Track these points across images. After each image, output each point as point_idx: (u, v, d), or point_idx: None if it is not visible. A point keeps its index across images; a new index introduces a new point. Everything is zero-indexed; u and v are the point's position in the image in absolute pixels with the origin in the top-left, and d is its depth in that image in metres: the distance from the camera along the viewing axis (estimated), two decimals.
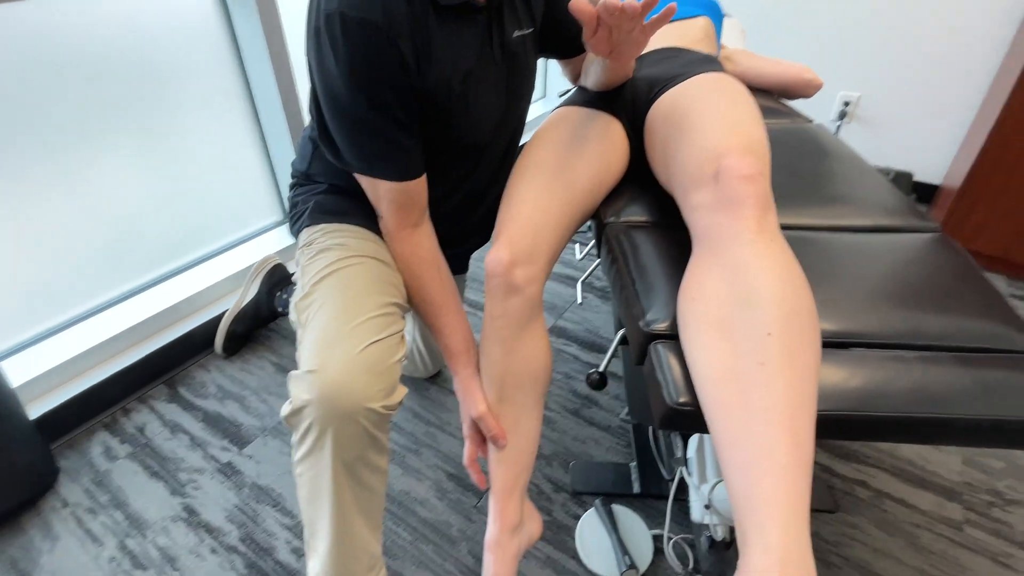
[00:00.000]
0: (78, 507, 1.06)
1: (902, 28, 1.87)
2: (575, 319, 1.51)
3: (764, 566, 0.40)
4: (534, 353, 0.77)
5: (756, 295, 0.52)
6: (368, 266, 0.74)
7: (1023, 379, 0.54)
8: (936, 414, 0.52)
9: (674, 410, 0.54)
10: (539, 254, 0.77)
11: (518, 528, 0.77)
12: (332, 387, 0.60)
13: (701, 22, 1.07)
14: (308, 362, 0.62)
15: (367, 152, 0.71)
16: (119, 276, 1.32)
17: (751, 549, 0.42)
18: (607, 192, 0.89)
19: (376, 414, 0.63)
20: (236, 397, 1.29)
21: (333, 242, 0.77)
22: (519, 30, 0.79)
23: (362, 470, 0.67)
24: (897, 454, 1.15)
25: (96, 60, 1.13)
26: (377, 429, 0.65)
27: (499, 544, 0.74)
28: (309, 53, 0.68)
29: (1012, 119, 1.52)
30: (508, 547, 0.75)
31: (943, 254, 0.71)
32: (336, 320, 0.65)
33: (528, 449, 0.79)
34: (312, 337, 0.65)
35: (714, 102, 0.74)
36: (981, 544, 0.99)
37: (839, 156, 0.97)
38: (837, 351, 0.57)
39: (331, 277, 0.71)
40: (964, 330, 0.59)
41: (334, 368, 0.61)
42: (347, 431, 0.62)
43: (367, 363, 0.62)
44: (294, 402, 0.62)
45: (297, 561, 0.97)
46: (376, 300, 0.70)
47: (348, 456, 0.64)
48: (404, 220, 0.78)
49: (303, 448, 0.65)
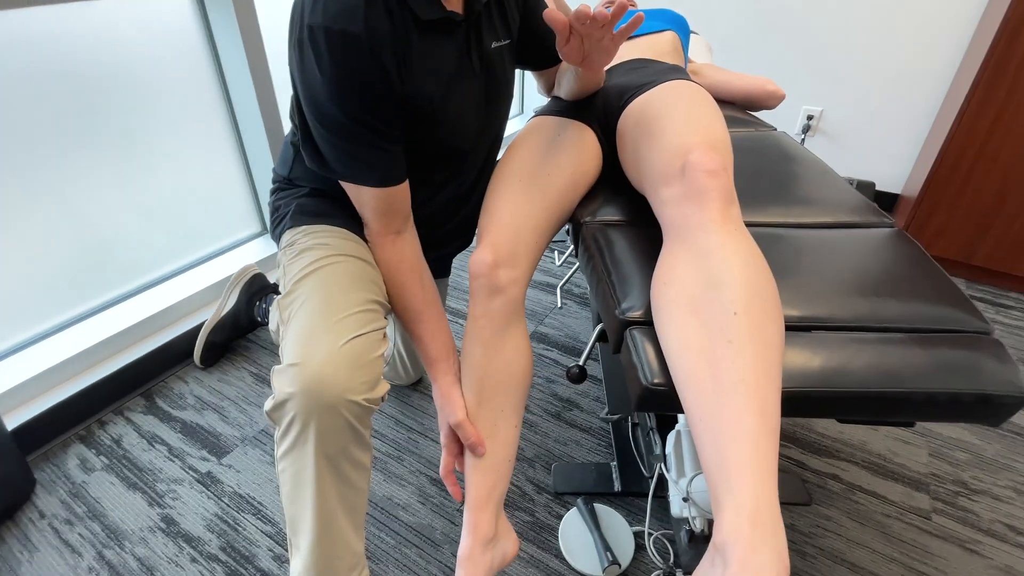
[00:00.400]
0: (55, 518, 1.04)
1: (861, 47, 1.97)
2: (555, 324, 1.54)
3: (736, 523, 0.42)
4: (515, 355, 0.79)
5: (722, 278, 0.55)
6: (350, 264, 0.75)
7: (975, 356, 0.58)
8: (894, 389, 0.55)
9: (649, 390, 0.56)
10: (521, 256, 0.79)
11: (492, 542, 0.74)
12: (314, 379, 0.61)
13: (668, 36, 1.13)
14: (291, 355, 0.63)
15: (350, 159, 0.73)
16: (97, 287, 1.31)
17: (724, 509, 0.44)
18: (582, 195, 0.92)
19: (358, 407, 0.64)
20: (215, 407, 1.28)
21: (315, 242, 0.78)
22: (496, 41, 0.83)
23: (345, 465, 0.67)
24: (867, 448, 1.19)
25: (75, 70, 1.14)
26: (359, 423, 0.66)
27: (471, 558, 0.71)
28: (292, 64, 0.69)
29: (964, 131, 1.61)
30: (480, 561, 0.71)
31: (899, 247, 0.76)
32: (319, 315, 0.67)
33: (505, 457, 0.77)
34: (295, 332, 0.66)
35: (680, 106, 0.78)
36: (949, 532, 1.03)
37: (802, 160, 1.02)
38: (801, 334, 0.61)
39: (313, 275, 0.73)
40: (919, 313, 0.63)
41: (317, 361, 0.62)
42: (330, 423, 0.63)
43: (349, 356, 0.63)
44: (277, 395, 0.63)
45: (279, 568, 0.96)
46: (358, 296, 0.71)
47: (331, 449, 0.65)
48: (387, 226, 0.79)
49: (286, 442, 0.65)
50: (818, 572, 0.96)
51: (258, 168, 1.55)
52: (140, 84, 1.25)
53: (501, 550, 0.76)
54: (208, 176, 1.46)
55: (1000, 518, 1.05)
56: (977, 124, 1.58)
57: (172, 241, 1.43)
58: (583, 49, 0.71)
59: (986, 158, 1.60)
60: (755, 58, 2.17)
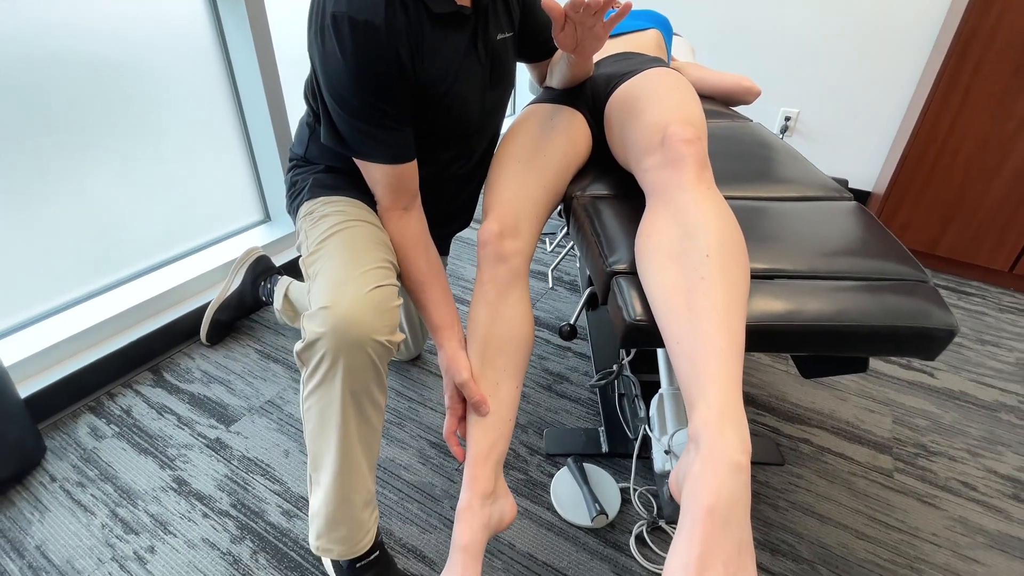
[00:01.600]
0: (67, 481, 1.08)
1: (835, 53, 2.09)
2: (546, 308, 1.62)
3: (706, 416, 0.50)
4: (517, 319, 0.85)
5: (697, 228, 0.63)
6: (366, 228, 0.83)
7: (913, 300, 0.67)
8: (842, 323, 0.63)
9: (632, 326, 0.64)
10: (524, 229, 0.87)
11: (490, 498, 0.76)
12: (344, 320, 0.68)
13: (651, 33, 1.22)
14: (321, 300, 0.69)
15: (364, 137, 0.79)
16: (107, 267, 1.36)
17: (696, 408, 0.52)
18: (575, 173, 1.00)
19: (382, 346, 0.70)
20: (222, 381, 1.33)
21: (333, 209, 0.85)
22: (501, 33, 0.91)
23: (366, 403, 0.74)
24: (836, 416, 1.28)
25: (86, 59, 1.20)
26: (381, 362, 0.72)
27: (470, 509, 0.74)
28: (313, 49, 0.76)
29: (926, 132, 1.72)
30: (479, 514, 0.74)
31: (855, 216, 0.85)
32: (344, 267, 0.73)
33: (506, 416, 0.81)
34: (323, 281, 0.72)
35: (659, 90, 0.86)
36: (909, 487, 1.12)
37: (774, 147, 1.12)
38: (765, 282, 0.69)
39: (335, 236, 0.80)
40: (867, 266, 0.72)
41: (346, 304, 0.68)
42: (357, 360, 0.69)
43: (373, 302, 0.70)
44: (308, 336, 0.69)
45: (288, 521, 1.02)
46: (377, 255, 0.78)
47: (356, 385, 0.71)
48: (396, 202, 0.86)
49: (314, 380, 0.71)
50: (789, 523, 1.04)
51: (263, 158, 1.61)
52: (151, 73, 1.32)
53: (499, 509, 0.78)
54: (215, 165, 1.52)
55: (955, 476, 1.14)
56: (938, 124, 1.70)
57: (179, 226, 1.49)
58: (576, 36, 0.80)
59: (947, 155, 1.72)
60: (736, 61, 2.29)
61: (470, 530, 0.72)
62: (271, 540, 0.98)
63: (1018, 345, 1.54)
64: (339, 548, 0.80)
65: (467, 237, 2.01)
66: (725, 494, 0.45)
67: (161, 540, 0.98)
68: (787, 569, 0.96)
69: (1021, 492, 1.11)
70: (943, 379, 1.41)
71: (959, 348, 1.52)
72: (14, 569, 0.93)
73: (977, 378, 1.42)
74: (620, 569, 0.95)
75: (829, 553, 0.99)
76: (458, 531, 0.73)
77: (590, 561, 0.96)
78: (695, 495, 0.46)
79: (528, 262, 0.88)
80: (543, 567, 0.95)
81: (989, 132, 1.64)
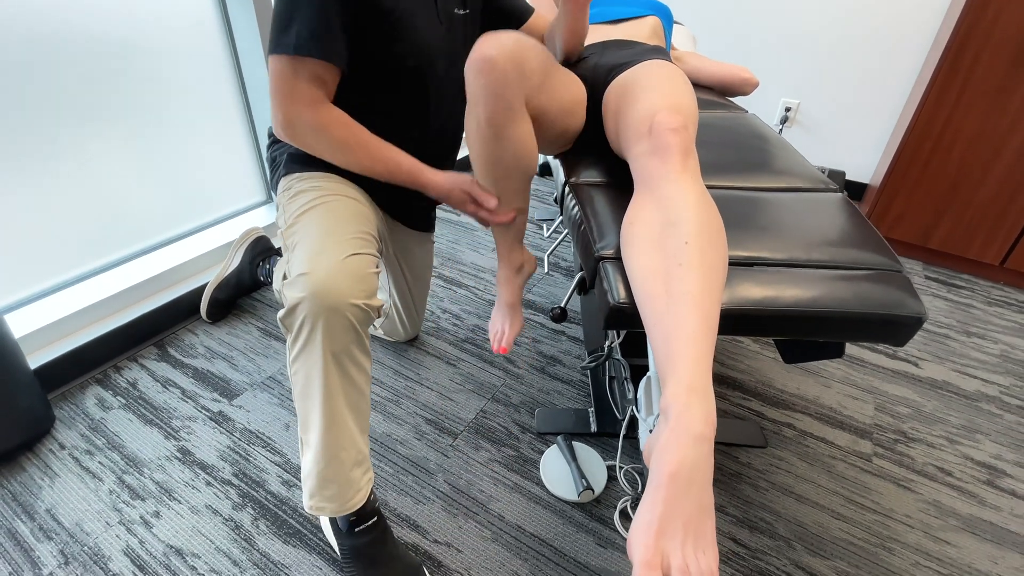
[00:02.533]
0: (75, 449, 1.13)
1: (837, 45, 2.10)
2: (542, 293, 1.65)
3: (676, 391, 0.53)
4: (525, 141, 0.85)
5: (678, 217, 0.66)
6: (343, 202, 0.86)
7: (885, 288, 0.70)
8: (816, 309, 0.67)
9: (615, 308, 0.68)
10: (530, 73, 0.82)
11: (520, 269, 1.03)
12: (322, 284, 0.71)
13: (651, 20, 1.24)
14: (300, 267, 0.73)
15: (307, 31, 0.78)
16: (113, 244, 1.39)
17: (667, 384, 0.55)
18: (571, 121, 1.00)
19: (360, 310, 0.74)
20: (224, 356, 1.37)
21: (308, 185, 0.89)
22: (459, 8, 0.95)
23: (348, 364, 0.77)
24: (820, 402, 1.31)
25: (91, 41, 1.22)
26: (360, 326, 0.75)
27: (508, 280, 1.02)
28: None
29: (922, 125, 1.74)
30: (514, 281, 1.03)
31: (838, 207, 0.88)
32: (322, 237, 0.77)
33: (520, 218, 0.97)
34: (302, 250, 0.76)
35: (653, 80, 0.89)
36: (886, 472, 1.16)
37: (766, 138, 1.14)
38: (744, 268, 0.72)
39: (312, 210, 0.83)
40: (845, 255, 0.75)
41: (323, 270, 0.71)
42: (335, 322, 0.72)
43: (350, 268, 0.73)
44: (288, 301, 0.72)
45: (288, 491, 1.06)
46: (354, 227, 0.81)
47: (336, 346, 0.74)
48: (321, 96, 0.83)
49: (297, 345, 0.75)
50: (769, 502, 1.08)
51: (265, 140, 1.64)
52: (155, 54, 1.34)
53: (526, 271, 1.05)
54: (218, 146, 1.55)
55: (932, 462, 1.18)
56: (934, 119, 1.71)
57: (183, 206, 1.52)
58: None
59: (942, 150, 1.74)
60: (738, 51, 2.29)
61: (512, 291, 1.03)
62: (271, 508, 1.03)
63: (1003, 337, 1.58)
64: (331, 506, 0.84)
65: (464, 221, 2.04)
66: (688, 462, 0.49)
67: (166, 506, 1.02)
68: (764, 545, 1.00)
69: (995, 478, 1.15)
70: (927, 369, 1.44)
71: (945, 339, 1.56)
72: (25, 531, 0.97)
73: (961, 368, 1.45)
74: (603, 541, 1.00)
75: (805, 531, 1.03)
76: (503, 292, 1.03)
77: (576, 533, 1.01)
78: (661, 462, 0.50)
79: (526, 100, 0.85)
80: (531, 538, 0.99)
81: (983, 127, 1.66)
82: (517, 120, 0.82)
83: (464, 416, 1.23)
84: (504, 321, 1.04)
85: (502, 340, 1.03)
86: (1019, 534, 1.04)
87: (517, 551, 0.97)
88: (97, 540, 0.96)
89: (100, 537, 0.97)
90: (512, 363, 1.38)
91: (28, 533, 0.97)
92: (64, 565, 0.92)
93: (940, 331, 1.59)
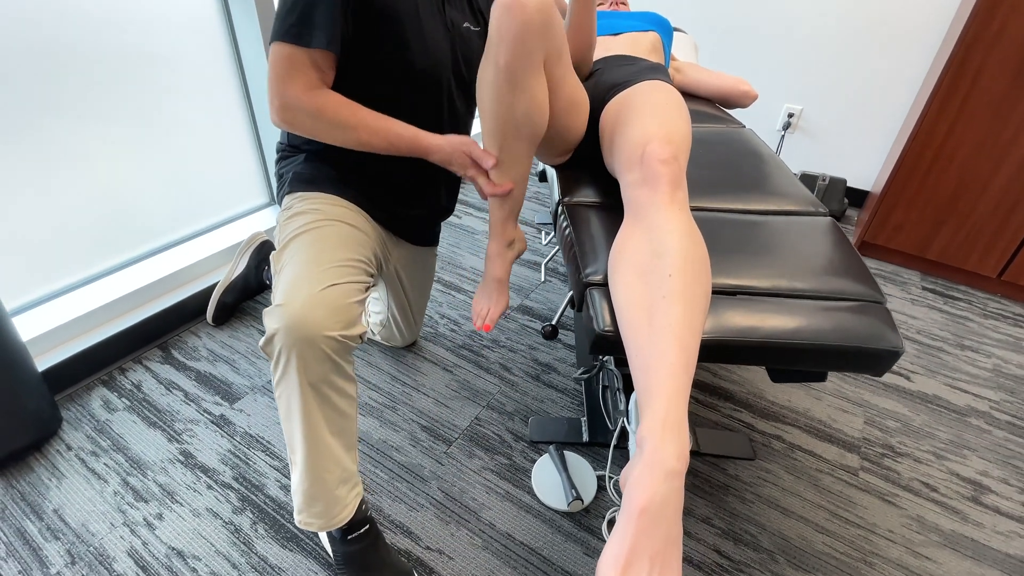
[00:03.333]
0: (81, 450, 1.16)
1: (841, 53, 2.09)
2: (539, 299, 1.67)
3: (651, 425, 0.56)
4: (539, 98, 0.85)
5: (664, 248, 0.68)
6: (336, 227, 0.87)
7: (865, 320, 0.72)
8: (795, 341, 0.68)
9: (600, 336, 0.70)
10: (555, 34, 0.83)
11: (511, 244, 1.01)
12: (296, 316, 0.72)
13: (651, 36, 1.25)
14: (278, 297, 0.75)
15: (309, 20, 0.80)
16: (118, 247, 1.42)
17: (645, 417, 0.57)
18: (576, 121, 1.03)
19: (335, 341, 0.75)
20: (226, 360, 1.40)
21: (308, 207, 0.90)
22: (468, 23, 0.96)
23: (328, 391, 0.78)
24: (810, 415, 1.33)
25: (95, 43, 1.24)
26: (338, 356, 0.77)
27: (499, 254, 1.00)
28: None
29: (923, 135, 1.74)
30: (505, 255, 1.00)
31: (826, 233, 0.89)
32: (304, 266, 0.78)
33: (519, 189, 0.96)
34: (283, 278, 0.78)
35: (649, 104, 0.90)
36: (872, 486, 1.18)
37: (761, 155, 1.15)
38: (727, 297, 0.74)
39: (303, 235, 0.85)
40: (828, 285, 0.76)
41: (298, 302, 0.73)
42: (310, 354, 0.74)
43: (326, 300, 0.75)
44: (267, 330, 0.74)
45: (285, 496, 1.09)
46: (341, 254, 0.82)
47: (313, 377, 0.76)
48: (319, 82, 0.85)
49: (278, 372, 0.77)
50: (754, 514, 1.10)
51: (268, 143, 1.66)
52: (158, 57, 1.36)
53: (516, 248, 1.03)
54: (222, 149, 1.57)
55: (918, 477, 1.20)
56: (936, 128, 1.71)
57: (188, 208, 1.55)
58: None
59: (943, 160, 1.74)
60: (742, 56, 2.29)
61: (501, 266, 1.00)
62: (270, 512, 1.06)
63: (997, 351, 1.59)
64: (318, 521, 0.87)
65: (466, 225, 2.06)
66: (658, 498, 0.51)
67: (169, 508, 1.06)
68: (747, 557, 1.03)
69: (980, 494, 1.17)
70: (918, 382, 1.46)
71: (938, 352, 1.57)
72: (34, 530, 1.01)
73: (952, 383, 1.47)
74: (590, 551, 1.02)
75: (789, 544, 1.05)
76: (492, 268, 1.00)
77: (564, 543, 1.03)
78: (633, 496, 0.52)
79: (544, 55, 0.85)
80: (520, 546, 1.02)
81: (985, 138, 1.66)
82: (535, 72, 0.82)
83: (459, 423, 1.26)
84: (490, 298, 1.01)
85: (486, 317, 1.00)
86: (1000, 551, 1.06)
87: (506, 559, 1.00)
88: (102, 541, 1.00)
89: (105, 538, 1.00)
90: (508, 370, 1.41)
91: (36, 533, 1.01)
92: (71, 565, 0.96)
93: (934, 344, 1.60)
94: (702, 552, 1.03)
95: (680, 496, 0.52)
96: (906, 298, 1.79)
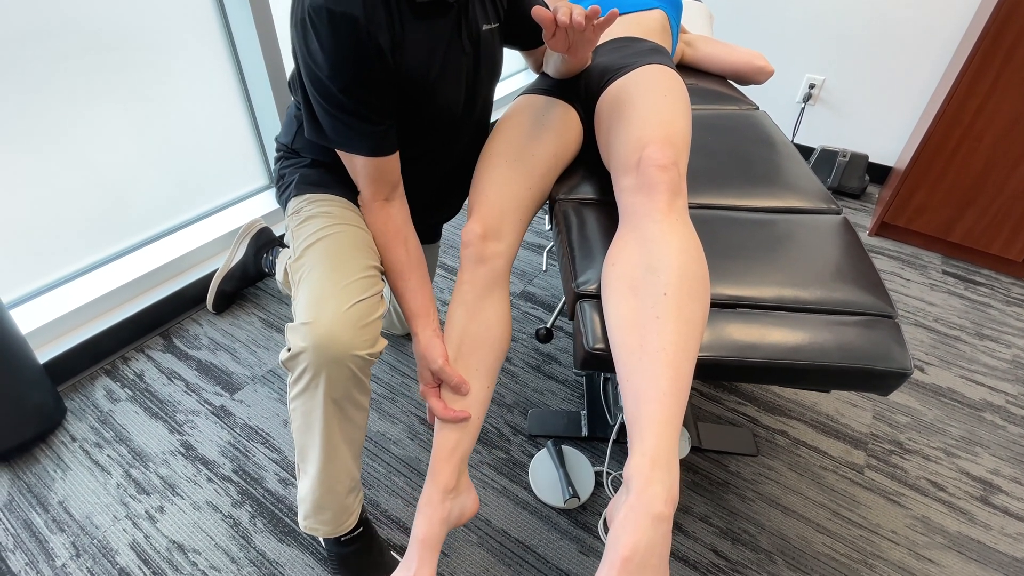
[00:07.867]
0: (85, 442, 1.18)
1: (865, 18, 1.96)
2: (542, 285, 1.64)
3: (640, 462, 0.53)
4: (493, 320, 0.86)
5: (659, 263, 0.64)
6: (351, 232, 0.84)
7: (872, 336, 0.68)
8: (795, 361, 0.65)
9: (590, 354, 0.67)
10: (506, 232, 0.88)
11: (452, 493, 0.78)
12: (325, 337, 0.70)
13: (656, 14, 1.16)
14: (303, 315, 0.72)
15: (345, 128, 0.79)
16: (117, 234, 1.41)
17: (634, 452, 0.55)
18: (563, 170, 1.00)
19: (362, 360, 0.74)
20: (227, 348, 1.40)
21: (319, 210, 0.87)
22: (487, 24, 0.89)
23: (348, 406, 0.78)
24: (817, 409, 1.30)
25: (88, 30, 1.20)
26: (362, 373, 0.76)
27: (430, 504, 0.76)
28: (295, 41, 0.76)
29: (952, 111, 1.64)
30: (439, 509, 0.76)
31: (837, 235, 0.84)
32: (327, 280, 0.75)
33: (474, 415, 0.81)
34: (306, 294, 0.75)
35: (649, 96, 0.84)
36: (877, 484, 1.15)
37: (772, 143, 1.09)
38: (727, 311, 0.70)
39: (320, 243, 0.81)
40: (835, 297, 0.72)
41: (326, 321, 0.71)
42: (337, 374, 0.73)
43: (353, 318, 0.73)
44: (292, 348, 0.73)
45: (284, 489, 1.10)
46: (360, 263, 0.79)
47: (337, 394, 0.75)
48: (377, 193, 0.86)
49: (298, 387, 0.75)
50: (754, 513, 1.09)
51: (265, 125, 1.62)
52: (151, 41, 1.31)
53: (460, 504, 0.80)
54: (217, 133, 1.53)
55: (926, 475, 1.17)
56: (965, 106, 1.61)
57: (185, 194, 1.52)
58: (568, 40, 0.78)
59: (971, 139, 1.64)
60: (760, 24, 2.17)
61: (428, 524, 0.75)
62: (268, 506, 1.07)
63: (1018, 341, 1.53)
64: (325, 528, 0.87)
65: None
66: (643, 545, 0.49)
67: (170, 501, 1.07)
68: (745, 558, 1.02)
69: (989, 494, 1.14)
70: (933, 374, 1.41)
71: (956, 341, 1.52)
72: (40, 522, 1.03)
73: (968, 375, 1.42)
74: (586, 549, 1.02)
75: (788, 545, 1.04)
76: (417, 524, 0.76)
77: (560, 540, 1.03)
78: (618, 540, 0.50)
79: (510, 264, 0.90)
80: (516, 543, 1.02)
81: (1017, 119, 1.55)
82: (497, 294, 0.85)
83: None
84: (408, 570, 0.74)
85: None
86: (1006, 554, 1.04)
87: (501, 556, 1.00)
88: (106, 533, 1.02)
89: (108, 531, 1.02)
90: (508, 360, 1.39)
91: (43, 525, 1.03)
92: (76, 558, 0.98)
93: (951, 333, 1.55)
94: (699, 552, 1.03)
95: (667, 541, 0.50)
96: (925, 283, 1.73)
